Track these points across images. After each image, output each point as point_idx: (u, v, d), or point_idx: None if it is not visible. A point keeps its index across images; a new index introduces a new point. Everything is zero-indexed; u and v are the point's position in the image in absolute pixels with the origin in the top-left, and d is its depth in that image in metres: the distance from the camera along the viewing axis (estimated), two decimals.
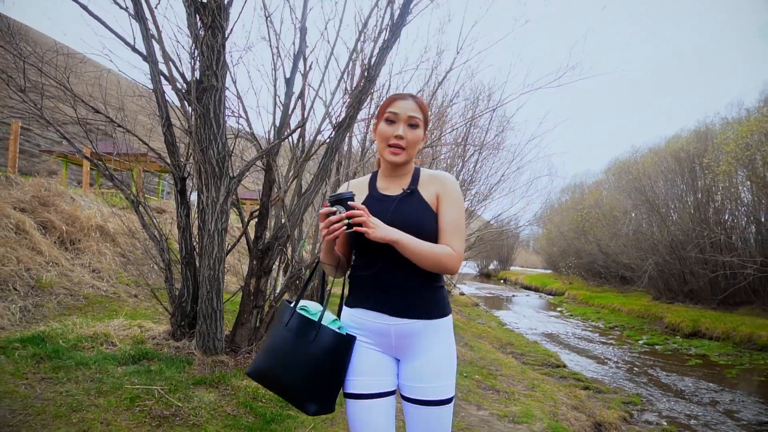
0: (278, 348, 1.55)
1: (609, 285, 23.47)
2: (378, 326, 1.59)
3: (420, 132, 1.63)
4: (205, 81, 3.92)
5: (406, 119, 1.61)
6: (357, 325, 1.62)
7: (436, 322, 1.59)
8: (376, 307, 1.59)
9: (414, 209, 1.60)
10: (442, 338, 1.60)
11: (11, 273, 5.29)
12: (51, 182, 8.20)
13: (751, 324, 12.02)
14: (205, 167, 4.01)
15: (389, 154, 1.61)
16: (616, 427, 5.10)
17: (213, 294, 3.99)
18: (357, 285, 1.65)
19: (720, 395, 7.20)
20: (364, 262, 1.62)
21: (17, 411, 2.69)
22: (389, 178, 1.69)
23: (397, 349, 1.60)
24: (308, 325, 1.55)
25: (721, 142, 13.05)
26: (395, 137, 1.59)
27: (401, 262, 1.55)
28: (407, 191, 1.63)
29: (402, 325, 1.57)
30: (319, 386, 1.53)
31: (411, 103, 1.62)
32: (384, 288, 1.58)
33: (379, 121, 1.65)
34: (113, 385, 3.19)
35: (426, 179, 1.67)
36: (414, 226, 1.55)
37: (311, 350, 1.52)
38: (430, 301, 1.60)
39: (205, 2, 3.88)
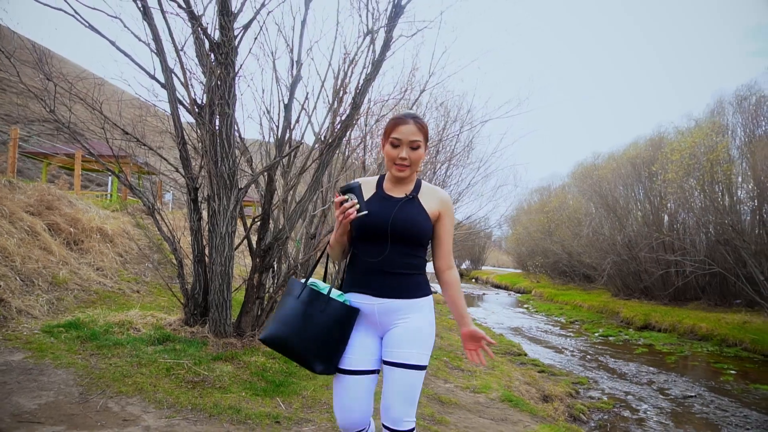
0: (291, 316, 1.78)
1: (573, 283, 24.78)
2: (365, 307, 1.84)
3: (421, 151, 1.86)
4: (218, 109, 4.69)
5: (408, 143, 1.82)
6: (351, 303, 1.87)
7: (416, 300, 1.85)
8: (364, 290, 1.85)
9: (415, 213, 1.85)
10: (421, 313, 1.86)
11: (33, 271, 5.92)
12: (51, 187, 8.80)
13: (695, 317, 13.25)
14: (218, 180, 4.77)
15: (396, 171, 1.86)
16: (561, 399, 6.03)
17: (224, 286, 4.76)
18: (355, 269, 1.89)
19: (657, 377, 8.25)
20: (367, 248, 1.84)
21: (83, 376, 3.44)
22: (394, 184, 1.93)
23: (381, 325, 1.85)
24: (318, 297, 1.79)
25: (668, 151, 14.26)
26: (400, 159, 1.83)
27: (403, 251, 1.84)
28: (409, 196, 1.88)
29: (384, 303, 1.83)
30: (327, 349, 1.78)
31: (412, 127, 1.83)
32: (378, 272, 1.83)
33: (385, 142, 1.87)
34: (149, 360, 3.94)
35: (426, 191, 1.94)
36: (414, 228, 1.83)
37: (323, 319, 1.77)
38: (410, 284, 1.86)
39: (219, 42, 4.65)
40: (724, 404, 6.72)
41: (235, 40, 4.72)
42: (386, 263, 1.82)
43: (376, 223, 1.81)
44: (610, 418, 5.91)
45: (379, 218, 1.81)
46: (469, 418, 4.23)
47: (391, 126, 1.86)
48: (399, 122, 1.84)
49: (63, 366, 3.56)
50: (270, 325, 1.86)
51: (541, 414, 4.89)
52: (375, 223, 1.81)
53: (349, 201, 1.72)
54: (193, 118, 4.76)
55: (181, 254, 5.28)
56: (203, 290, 5.11)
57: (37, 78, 5.22)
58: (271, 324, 1.85)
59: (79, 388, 3.24)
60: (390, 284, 1.83)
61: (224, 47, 4.53)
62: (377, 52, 5.26)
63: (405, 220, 1.82)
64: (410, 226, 1.83)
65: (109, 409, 3.00)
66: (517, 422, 4.36)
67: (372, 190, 1.93)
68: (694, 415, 6.25)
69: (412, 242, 1.86)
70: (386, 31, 5.16)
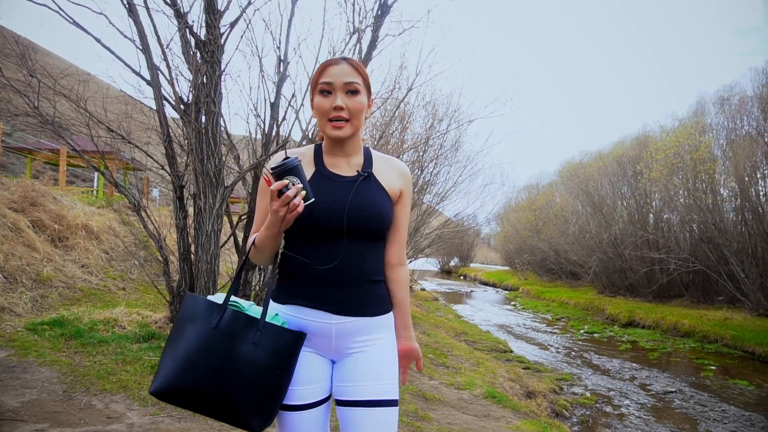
0: (205, 354, 1.23)
1: (560, 280, 25.00)
2: (317, 326, 1.37)
3: (362, 98, 1.40)
4: (204, 107, 4.69)
5: (342, 87, 1.37)
6: (290, 325, 1.38)
7: (379, 318, 1.44)
8: (316, 304, 1.37)
9: (373, 195, 1.41)
10: (384, 334, 1.45)
11: (17, 268, 5.89)
12: (36, 183, 8.72)
13: (678, 314, 13.45)
14: (203, 178, 4.78)
15: (332, 129, 1.38)
16: (544, 395, 6.12)
17: (210, 284, 4.77)
18: (295, 277, 1.40)
19: (639, 373, 8.39)
20: (313, 250, 1.36)
21: (67, 374, 3.44)
22: (336, 156, 1.45)
23: (336, 350, 1.41)
24: (248, 324, 1.28)
25: (653, 150, 14.45)
26: (334, 109, 1.37)
27: (362, 250, 1.40)
28: (363, 174, 1.42)
29: (345, 323, 1.38)
30: (267, 396, 1.28)
31: (345, 66, 1.38)
32: (333, 282, 1.37)
33: (314, 94, 1.41)
34: (134, 357, 3.95)
35: (381, 163, 1.49)
36: (375, 213, 1.39)
37: (258, 354, 1.26)
38: (375, 296, 1.44)
39: (205, 40, 4.65)
40: (703, 399, 6.86)
41: (222, 38, 4.73)
42: (344, 268, 1.36)
43: (326, 214, 1.34)
44: (592, 414, 6.02)
45: (329, 207, 1.34)
46: (453, 414, 4.29)
47: (318, 72, 1.40)
48: (328, 63, 1.39)
49: (47, 364, 3.56)
50: (169, 369, 1.24)
51: (524, 410, 4.97)
52: (325, 215, 1.34)
53: (290, 187, 1.22)
54: (179, 116, 4.76)
55: (167, 252, 5.28)
56: (189, 288, 5.11)
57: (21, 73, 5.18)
58: (172, 368, 1.24)
59: (62, 386, 3.25)
60: (351, 297, 1.38)
61: (210, 45, 4.53)
62: (364, 51, 5.30)
63: (364, 208, 1.37)
64: (371, 214, 1.38)
65: (93, 407, 3.01)
66: (499, 418, 4.43)
67: (311, 167, 1.43)
68: (674, 410, 6.37)
69: (373, 236, 1.42)
70: (373, 30, 5.20)
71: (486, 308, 18.84)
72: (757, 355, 9.80)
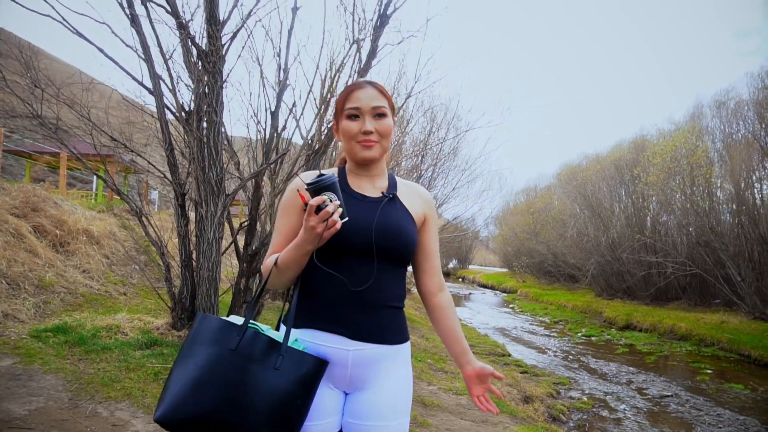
0: (219, 379, 1.15)
1: (558, 283, 25.10)
2: (334, 353, 1.30)
3: (389, 120, 1.39)
4: (206, 116, 4.76)
5: (370, 111, 1.35)
6: (308, 351, 1.30)
7: (398, 347, 1.38)
8: (333, 328, 1.30)
9: (399, 216, 1.39)
10: (401, 365, 1.40)
11: (19, 274, 5.94)
12: (37, 188, 8.77)
13: (675, 317, 13.54)
14: (205, 186, 4.84)
15: (362, 149, 1.36)
16: (542, 400, 6.19)
17: (211, 291, 4.84)
18: (313, 299, 1.33)
19: (636, 377, 8.46)
20: (345, 269, 1.30)
21: (72, 381, 3.50)
22: (360, 177, 1.43)
23: (351, 381, 1.34)
24: (269, 348, 1.22)
25: (650, 155, 14.55)
26: (363, 133, 1.35)
27: (388, 273, 1.35)
28: (389, 195, 1.40)
29: (362, 350, 1.31)
30: (285, 427, 1.19)
31: (371, 90, 1.37)
32: (353, 305, 1.31)
33: (340, 118, 1.40)
34: (137, 364, 4.01)
35: (405, 188, 1.48)
36: (401, 234, 1.36)
37: (277, 380, 1.18)
38: (396, 323, 1.39)
39: (207, 51, 4.71)
40: (699, 403, 6.93)
41: (223, 48, 4.80)
42: (371, 291, 1.30)
43: (358, 232, 1.29)
44: (589, 418, 6.08)
45: (355, 225, 1.28)
46: (451, 420, 4.35)
47: (343, 96, 1.39)
48: (353, 88, 1.38)
49: (52, 371, 3.62)
50: (180, 394, 1.14)
51: (521, 415, 5.03)
52: (357, 234, 1.29)
53: (329, 204, 1.17)
54: (181, 125, 4.82)
55: (168, 258, 5.34)
56: (190, 294, 5.17)
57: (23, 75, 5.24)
58: (185, 393, 1.14)
59: (68, 394, 3.31)
60: (372, 323, 1.32)
61: (212, 56, 4.60)
62: (363, 60, 5.36)
63: (389, 228, 1.33)
64: (397, 236, 1.34)
65: (99, 415, 3.07)
66: (497, 423, 4.50)
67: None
68: (669, 414, 6.44)
69: (398, 259, 1.37)
70: (372, 41, 5.27)
71: (484, 311, 18.91)
72: (752, 359, 9.88)
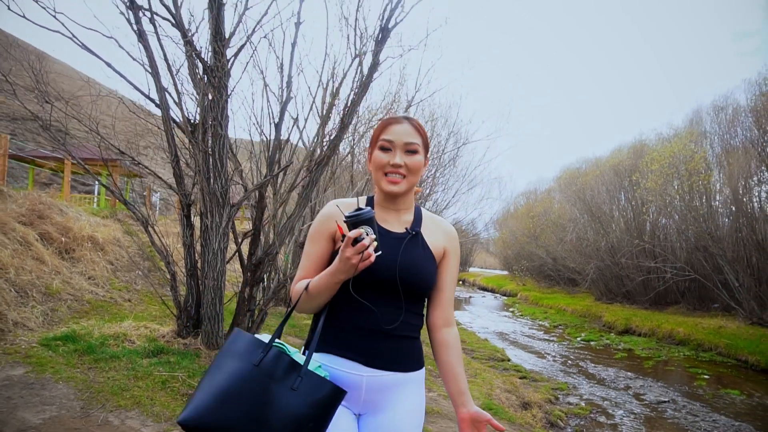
0: (240, 391, 1.19)
1: (558, 286, 25.20)
2: (348, 377, 1.35)
3: (420, 158, 1.44)
4: (211, 130, 4.88)
5: (402, 146, 1.41)
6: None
7: (411, 374, 1.43)
8: (349, 354, 1.37)
9: (420, 255, 1.43)
10: (415, 390, 1.45)
11: (27, 282, 6.05)
12: (42, 195, 8.89)
13: (673, 322, 13.64)
14: (210, 197, 4.95)
15: (387, 184, 1.42)
16: (540, 406, 6.29)
17: (216, 300, 4.95)
18: (339, 327, 1.40)
19: (633, 382, 8.56)
20: (371, 302, 1.36)
21: (83, 390, 3.61)
22: (387, 210, 1.49)
23: (364, 404, 1.39)
24: (289, 368, 1.25)
25: (648, 161, 14.66)
26: (392, 165, 1.41)
27: (409, 305, 1.42)
28: (412, 232, 1.45)
29: (376, 377, 1.37)
30: None
31: (407, 126, 1.43)
32: (373, 335, 1.37)
33: (373, 148, 1.46)
34: (144, 372, 4.12)
35: (429, 222, 1.51)
36: (420, 273, 1.41)
37: (295, 401, 1.21)
38: (411, 352, 1.44)
39: (212, 66, 4.83)
40: (695, 409, 7.03)
41: (228, 63, 4.92)
42: (400, 321, 1.39)
43: (381, 269, 1.34)
44: (586, 424, 6.18)
45: (384, 263, 1.33)
46: (451, 426, 4.45)
47: (380, 128, 1.46)
48: (390, 122, 1.45)
49: (63, 380, 3.73)
50: (203, 400, 1.19)
51: (519, 421, 5.14)
52: (380, 270, 1.34)
53: (366, 237, 1.23)
54: (187, 138, 4.94)
55: (174, 267, 5.45)
56: (196, 303, 5.29)
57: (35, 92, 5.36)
58: (207, 400, 1.19)
59: (80, 402, 3.42)
60: (388, 351, 1.38)
61: (217, 72, 4.72)
62: (365, 73, 5.48)
63: (410, 266, 1.39)
64: (418, 273, 1.40)
65: (110, 423, 3.18)
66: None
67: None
68: (666, 420, 6.54)
69: (419, 295, 1.45)
70: (374, 54, 5.38)
71: (485, 315, 19.01)
72: (749, 364, 9.98)
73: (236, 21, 4.95)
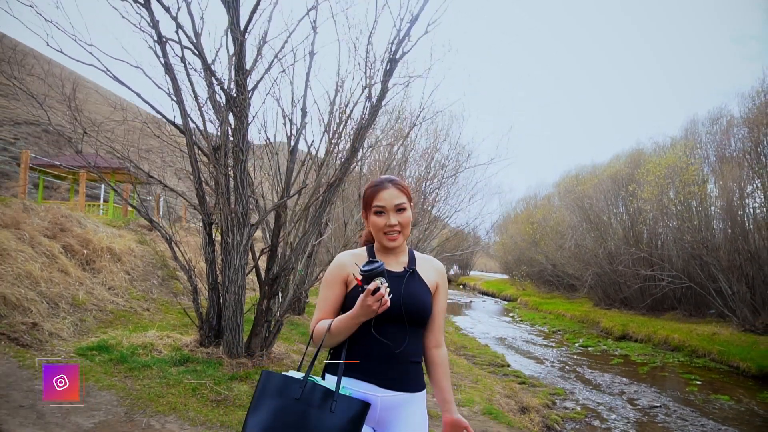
0: (290, 425, 1.50)
1: (558, 291, 25.58)
2: (366, 398, 1.62)
3: (408, 213, 1.74)
4: (233, 154, 5.29)
5: (393, 208, 1.71)
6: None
7: (416, 394, 1.71)
8: (367, 378, 1.64)
9: (418, 290, 1.73)
10: (419, 408, 1.72)
11: (56, 294, 6.45)
12: (62, 208, 9.30)
13: (669, 328, 14.01)
14: (231, 217, 5.36)
15: (388, 241, 1.72)
16: (538, 410, 6.67)
17: (237, 313, 5.35)
18: (362, 354, 1.66)
19: (628, 387, 8.94)
20: (382, 333, 1.64)
21: (124, 397, 4.01)
22: (387, 255, 1.78)
23: (379, 421, 1.66)
24: (324, 395, 1.54)
25: (644, 172, 15.06)
26: (388, 226, 1.70)
27: (413, 334, 1.70)
28: (409, 270, 1.75)
29: (388, 397, 1.64)
30: None
31: (393, 190, 1.72)
32: (387, 362, 1.65)
33: (369, 213, 1.75)
34: (175, 380, 4.52)
35: (421, 261, 1.82)
36: (420, 306, 1.70)
37: (334, 421, 1.50)
38: (416, 375, 1.72)
39: (234, 96, 5.25)
40: (685, 414, 7.41)
41: (248, 93, 5.33)
42: (408, 351, 1.69)
43: (391, 302, 1.59)
44: (582, 428, 6.57)
45: (392, 297, 1.60)
46: None
47: (370, 194, 1.75)
48: (378, 189, 1.74)
49: (105, 388, 4.13)
50: None
51: (518, 425, 5.52)
52: (391, 303, 1.59)
53: (381, 287, 1.52)
54: (211, 162, 5.34)
55: (196, 281, 5.85)
56: (217, 315, 5.69)
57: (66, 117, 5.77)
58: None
59: (123, 408, 3.82)
60: (398, 374, 1.67)
61: (239, 103, 5.13)
62: (374, 99, 5.89)
63: (411, 300, 1.69)
64: (419, 304, 1.71)
65: (152, 427, 3.58)
66: None
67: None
68: (657, 424, 6.92)
69: (420, 323, 1.74)
70: (382, 83, 5.79)
71: (485, 320, 19.39)
72: (741, 370, 10.35)
73: (255, 55, 5.36)
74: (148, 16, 5.15)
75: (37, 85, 5.89)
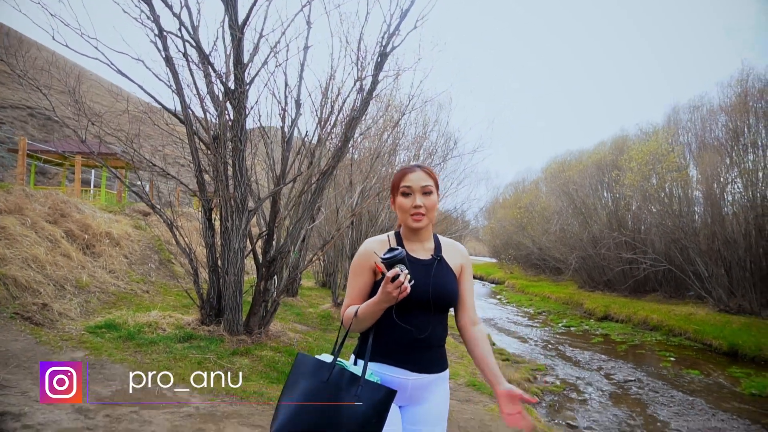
0: (320, 405, 1.55)
1: (544, 275, 26.20)
2: (397, 381, 1.69)
3: (434, 197, 1.78)
4: (231, 144, 5.59)
5: (419, 189, 1.74)
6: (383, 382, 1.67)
7: (442, 374, 1.79)
8: (399, 363, 1.71)
9: (446, 276, 1.78)
10: (444, 385, 1.82)
11: (62, 277, 6.75)
12: (60, 194, 9.53)
13: (648, 309, 14.58)
14: (231, 203, 5.68)
15: (413, 222, 1.75)
16: (519, 384, 7.12)
17: (237, 293, 5.70)
18: (386, 341, 1.71)
19: (606, 363, 9.45)
20: (408, 320, 1.68)
21: (135, 369, 4.36)
22: (413, 242, 1.81)
23: (409, 399, 1.75)
24: (351, 380, 1.58)
25: (627, 159, 15.50)
26: (414, 207, 1.74)
27: (440, 320, 1.77)
28: (437, 258, 1.80)
29: (419, 379, 1.72)
30: None
31: (420, 173, 1.77)
32: (415, 346, 1.71)
33: (396, 195, 1.79)
34: (181, 355, 4.87)
35: (447, 246, 1.86)
36: (448, 292, 1.76)
37: (359, 407, 1.54)
38: (441, 357, 1.79)
39: (233, 88, 5.53)
40: (657, 387, 7.92)
41: (246, 85, 5.61)
42: (437, 336, 1.76)
43: (418, 293, 1.66)
44: (559, 400, 7.04)
45: (419, 287, 1.67)
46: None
47: (398, 176, 1.81)
48: (406, 171, 1.79)
49: (117, 361, 4.48)
50: (288, 416, 1.59)
51: None
52: (417, 294, 1.65)
53: (401, 274, 1.53)
54: (211, 152, 5.64)
55: (196, 264, 6.17)
56: (217, 295, 6.03)
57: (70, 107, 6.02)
58: (290, 415, 1.58)
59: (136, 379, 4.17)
60: (429, 358, 1.75)
61: (237, 95, 5.42)
62: (365, 91, 6.19)
63: (440, 286, 1.75)
64: (446, 292, 1.76)
65: (165, 395, 3.93)
66: (478, 403, 5.41)
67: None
68: (630, 396, 7.41)
69: (446, 309, 1.81)
70: (373, 76, 6.09)
71: None
72: (713, 348, 10.91)
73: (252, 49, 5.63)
74: (149, 10, 5.39)
75: (40, 77, 6.12)
